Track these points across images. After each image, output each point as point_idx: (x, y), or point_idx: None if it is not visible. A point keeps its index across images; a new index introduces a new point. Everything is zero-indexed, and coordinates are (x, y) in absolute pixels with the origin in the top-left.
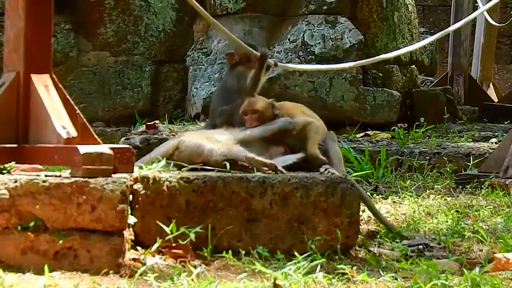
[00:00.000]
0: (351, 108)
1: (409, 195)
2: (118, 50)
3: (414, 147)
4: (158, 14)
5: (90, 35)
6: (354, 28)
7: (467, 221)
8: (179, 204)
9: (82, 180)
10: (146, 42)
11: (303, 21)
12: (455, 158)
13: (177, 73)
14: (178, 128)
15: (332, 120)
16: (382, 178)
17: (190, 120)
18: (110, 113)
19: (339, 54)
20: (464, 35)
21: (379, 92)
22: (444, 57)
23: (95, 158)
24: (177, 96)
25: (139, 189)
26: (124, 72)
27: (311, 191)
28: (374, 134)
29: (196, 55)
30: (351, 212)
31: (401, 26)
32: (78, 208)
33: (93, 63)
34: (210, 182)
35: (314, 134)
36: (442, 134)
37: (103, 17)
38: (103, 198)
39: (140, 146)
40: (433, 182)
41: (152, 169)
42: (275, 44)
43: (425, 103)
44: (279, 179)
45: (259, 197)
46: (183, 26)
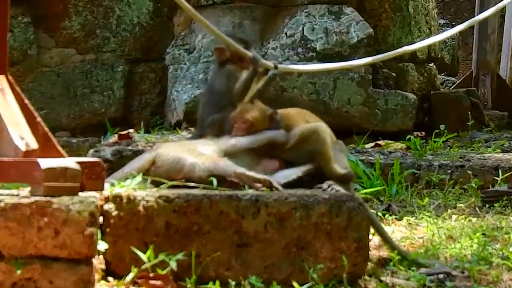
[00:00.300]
0: (359, 114)
1: (427, 215)
2: (85, 47)
3: (433, 159)
4: (132, 5)
5: (52, 29)
6: (362, 20)
7: (495, 246)
8: (157, 227)
9: (44, 200)
10: (118, 37)
11: (302, 12)
12: (481, 172)
13: (154, 73)
14: (156, 138)
15: (337, 127)
16: (395, 195)
17: (170, 128)
18: (76, 121)
19: (345, 51)
20: (491, 27)
21: (391, 94)
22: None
23: (58, 173)
24: (154, 100)
25: (110, 210)
26: (92, 73)
27: (312, 211)
28: (386, 144)
29: (177, 53)
30: (359, 235)
31: (417, 17)
32: (39, 233)
33: (56, 62)
34: (194, 201)
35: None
36: (466, 143)
37: (67, 8)
38: (69, 221)
39: (112, 159)
40: (456, 200)
41: (126, 187)
42: (270, 39)
43: (446, 108)
44: (275, 198)
45: (252, 218)
46: (162, 19)
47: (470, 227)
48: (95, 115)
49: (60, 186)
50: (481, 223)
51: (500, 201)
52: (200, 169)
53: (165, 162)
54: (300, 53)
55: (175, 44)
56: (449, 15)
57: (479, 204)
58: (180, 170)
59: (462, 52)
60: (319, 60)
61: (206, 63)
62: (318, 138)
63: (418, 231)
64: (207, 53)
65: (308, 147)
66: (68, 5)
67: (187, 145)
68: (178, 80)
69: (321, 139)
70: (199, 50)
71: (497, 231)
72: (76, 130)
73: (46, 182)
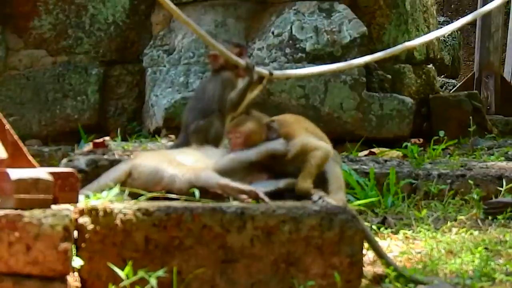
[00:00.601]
0: (352, 120)
1: (425, 228)
2: (56, 48)
3: (432, 168)
4: (107, 2)
5: (21, 29)
6: (355, 18)
7: (499, 261)
8: (136, 242)
9: (14, 213)
10: (92, 37)
11: (291, 9)
12: (484, 181)
13: (131, 76)
14: (134, 146)
15: (328, 134)
16: (391, 207)
17: (149, 135)
18: (48, 128)
19: (337, 51)
20: (495, 25)
21: (387, 98)
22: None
23: (29, 185)
24: (132, 105)
25: (86, 224)
26: (64, 76)
27: (302, 225)
28: (381, 152)
29: (156, 54)
30: (352, 250)
31: (415, 14)
32: (10, 248)
33: (26, 65)
34: (174, 214)
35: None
36: (467, 151)
37: (37, 6)
38: (41, 236)
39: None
40: (456, 212)
41: (102, 199)
42: (256, 39)
43: (446, 113)
44: (262, 210)
45: (237, 232)
46: (139, 17)
47: (472, 241)
48: (68, 121)
49: (32, 198)
50: (483, 237)
51: (503, 213)
52: (181, 180)
53: (143, 173)
54: (288, 53)
55: (154, 45)
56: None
57: (481, 216)
58: (159, 182)
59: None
60: (309, 61)
61: (187, 65)
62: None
63: (415, 245)
64: (188, 54)
65: (305, 159)
66: (38, 3)
67: (166, 154)
68: (157, 84)
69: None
70: (179, 51)
71: (500, 245)
72: (47, 138)
73: (16, 194)
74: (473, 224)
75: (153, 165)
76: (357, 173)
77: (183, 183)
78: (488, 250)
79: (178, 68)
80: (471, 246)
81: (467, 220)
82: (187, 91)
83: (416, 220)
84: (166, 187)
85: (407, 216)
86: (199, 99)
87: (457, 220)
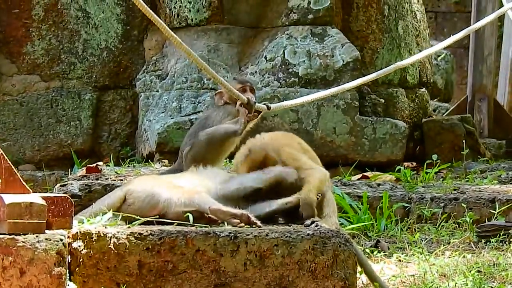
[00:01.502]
0: (345, 144)
1: (418, 252)
2: (49, 73)
3: (425, 191)
4: (100, 28)
5: (14, 54)
6: (347, 42)
7: (492, 284)
8: (129, 266)
9: (8, 238)
10: (85, 63)
11: (283, 33)
12: (477, 205)
13: (124, 101)
14: (127, 171)
15: (321, 158)
16: (384, 231)
17: (142, 160)
18: (41, 153)
19: (329, 75)
20: (488, 48)
21: (380, 122)
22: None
23: (23, 210)
24: (125, 131)
25: (79, 248)
26: (58, 101)
27: (295, 248)
28: (374, 176)
29: (149, 79)
30: (346, 274)
31: (408, 38)
32: (4, 273)
33: (19, 90)
34: (168, 238)
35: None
36: (460, 175)
37: (30, 32)
38: (35, 260)
39: (80, 194)
40: (449, 235)
41: (96, 223)
42: (248, 64)
43: (439, 136)
44: (255, 234)
45: (230, 256)
46: (131, 42)
47: (465, 264)
48: (61, 146)
49: (25, 223)
50: (476, 260)
51: (497, 236)
52: (177, 204)
53: (138, 199)
54: (281, 78)
55: (147, 70)
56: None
57: (474, 240)
58: (155, 206)
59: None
60: (302, 85)
61: (180, 90)
62: (329, 186)
63: (409, 268)
64: (181, 79)
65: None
66: (31, 29)
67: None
68: (150, 109)
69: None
70: (172, 76)
71: (493, 268)
72: (41, 163)
73: (10, 219)
74: (466, 247)
75: (148, 189)
76: (350, 197)
77: (179, 206)
78: (481, 273)
79: (171, 93)
80: (465, 269)
81: (460, 243)
82: (180, 116)
83: (409, 243)
84: (162, 211)
85: (400, 240)
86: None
87: (450, 243)
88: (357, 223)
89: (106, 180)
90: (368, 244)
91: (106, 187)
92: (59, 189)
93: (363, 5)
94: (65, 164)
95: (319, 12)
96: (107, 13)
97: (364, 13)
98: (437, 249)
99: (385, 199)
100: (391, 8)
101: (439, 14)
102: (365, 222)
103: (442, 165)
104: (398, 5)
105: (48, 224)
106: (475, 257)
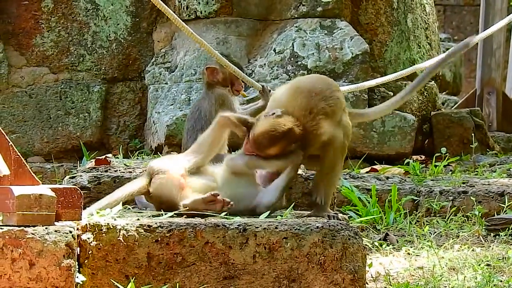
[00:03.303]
0: (353, 137)
1: (427, 245)
2: (58, 65)
3: (434, 185)
4: (109, 20)
5: (23, 46)
6: (356, 35)
7: (501, 278)
8: (139, 259)
9: (17, 230)
10: (94, 55)
11: (292, 26)
12: (486, 198)
13: (133, 93)
14: (136, 163)
15: None
16: (393, 224)
17: (151, 153)
18: (50, 145)
19: (338, 68)
20: (497, 42)
21: (389, 115)
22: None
23: (33, 201)
24: (134, 123)
25: (88, 240)
26: (67, 93)
27: (304, 241)
28: (383, 169)
29: (158, 71)
30: (355, 266)
31: (417, 31)
32: (13, 265)
33: (28, 82)
34: (177, 230)
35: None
36: (469, 168)
37: (39, 23)
38: (44, 252)
39: (89, 186)
40: (458, 228)
41: (105, 215)
42: (257, 56)
43: (448, 130)
44: (264, 227)
45: (239, 248)
46: (141, 35)
47: (474, 257)
48: (70, 139)
49: (35, 214)
50: (485, 253)
51: (506, 230)
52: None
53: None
54: (290, 70)
55: (155, 62)
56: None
57: (483, 233)
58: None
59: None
60: None
61: (189, 82)
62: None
63: (418, 261)
64: (190, 72)
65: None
66: (40, 21)
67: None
68: (159, 101)
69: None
70: (181, 69)
71: (502, 262)
72: (50, 155)
73: (19, 211)
74: (475, 241)
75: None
76: (359, 190)
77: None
78: (490, 266)
79: (180, 85)
80: (473, 263)
81: (469, 237)
82: (189, 108)
83: (418, 236)
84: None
85: (409, 233)
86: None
87: (459, 237)
88: (366, 216)
89: (115, 172)
90: (377, 237)
91: (115, 179)
92: (68, 181)
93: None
94: (74, 156)
95: (328, 4)
96: (116, 5)
97: (373, 5)
98: (446, 242)
99: (394, 192)
100: (400, 1)
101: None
102: (373, 215)
103: (451, 158)
104: None
105: (57, 216)
106: (484, 250)
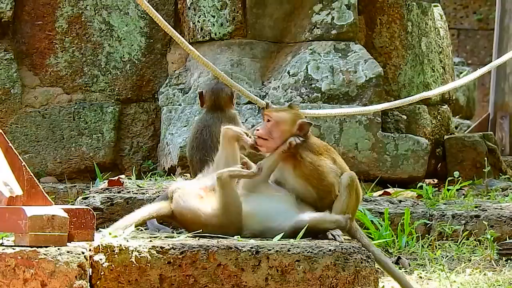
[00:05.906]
0: (367, 160)
1: (439, 269)
2: (72, 85)
3: (446, 208)
4: (123, 40)
5: (37, 66)
6: (370, 58)
7: None
8: (151, 280)
9: (30, 250)
10: (108, 75)
11: (307, 49)
12: (498, 222)
13: (147, 114)
14: (149, 184)
15: None
16: (405, 247)
17: (164, 174)
18: (63, 166)
19: (352, 91)
20: (510, 66)
21: (402, 139)
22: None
23: (45, 222)
24: (147, 144)
25: (101, 261)
26: (80, 114)
27: (317, 264)
28: (396, 192)
29: (171, 92)
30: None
31: (431, 55)
32: (25, 285)
33: (41, 102)
34: (189, 252)
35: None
36: (482, 192)
37: (53, 44)
38: (56, 273)
39: (102, 207)
40: (470, 252)
41: (118, 237)
42: (271, 79)
43: (460, 154)
44: (277, 249)
45: (252, 271)
46: (155, 56)
47: (486, 282)
48: (83, 159)
49: (47, 235)
50: (497, 278)
51: None
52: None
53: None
54: (304, 93)
55: (169, 83)
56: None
57: (495, 257)
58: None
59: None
60: (324, 101)
61: None
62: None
63: (429, 285)
64: None
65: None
66: (54, 41)
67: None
68: (172, 122)
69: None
70: (195, 90)
71: None
72: (63, 175)
73: (32, 232)
74: (487, 265)
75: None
76: (372, 213)
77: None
78: None
79: (193, 107)
80: (485, 287)
81: (481, 261)
82: None
83: (430, 260)
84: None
85: (421, 257)
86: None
87: (471, 261)
88: (378, 239)
89: (128, 193)
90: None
91: (128, 200)
92: (81, 201)
93: (387, 22)
94: (87, 176)
95: (342, 27)
96: (131, 26)
97: (387, 29)
98: (458, 266)
99: (406, 216)
100: (414, 24)
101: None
102: (386, 239)
103: (464, 182)
104: (422, 21)
105: (69, 237)
106: (495, 275)
